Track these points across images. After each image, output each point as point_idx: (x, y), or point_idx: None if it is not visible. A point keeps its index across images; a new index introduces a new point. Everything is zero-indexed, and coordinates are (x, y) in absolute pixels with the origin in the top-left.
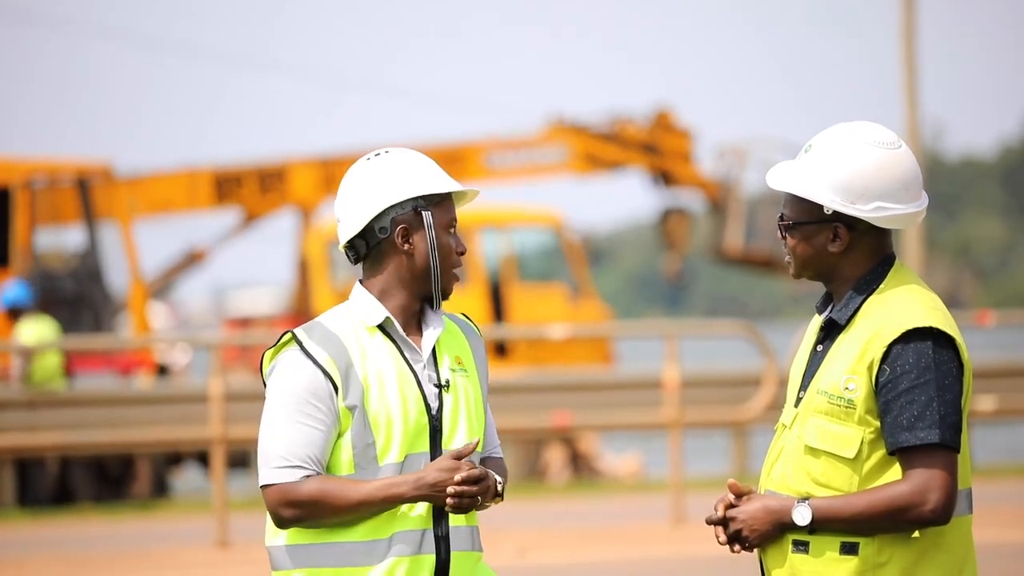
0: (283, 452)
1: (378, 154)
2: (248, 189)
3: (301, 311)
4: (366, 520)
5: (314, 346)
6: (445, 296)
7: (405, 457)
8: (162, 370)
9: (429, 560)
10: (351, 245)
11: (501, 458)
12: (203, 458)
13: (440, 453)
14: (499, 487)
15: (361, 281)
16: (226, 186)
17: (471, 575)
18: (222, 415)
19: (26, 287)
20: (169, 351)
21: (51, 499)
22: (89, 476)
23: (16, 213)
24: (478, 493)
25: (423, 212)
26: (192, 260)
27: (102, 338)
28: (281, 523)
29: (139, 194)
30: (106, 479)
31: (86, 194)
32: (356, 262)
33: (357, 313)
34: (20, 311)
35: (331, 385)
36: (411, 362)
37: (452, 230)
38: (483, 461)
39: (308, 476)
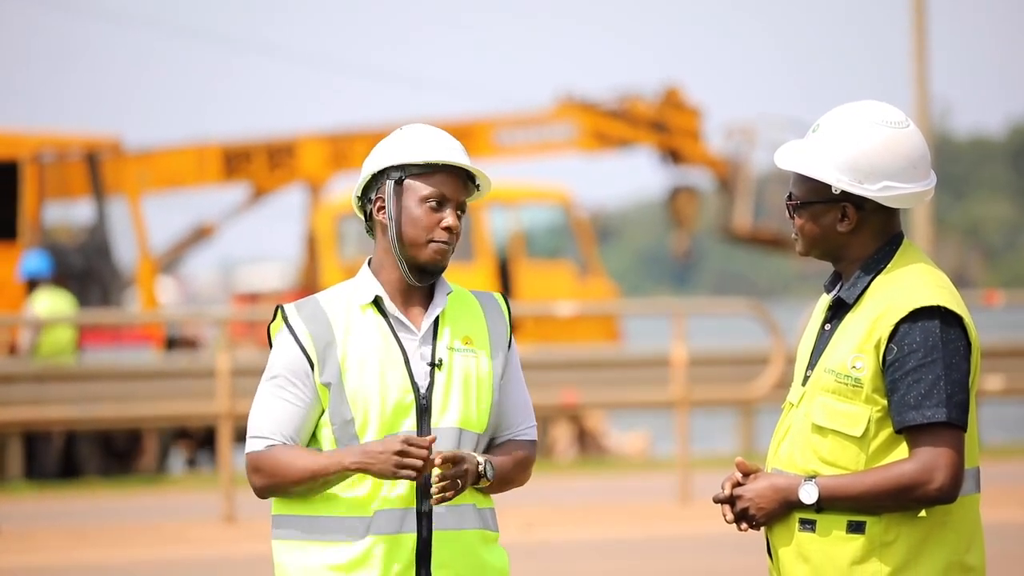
0: (256, 424)
1: (401, 129)
2: (257, 164)
3: (309, 286)
4: (348, 496)
5: (298, 322)
6: (425, 271)
7: (386, 436)
8: (170, 344)
9: (409, 539)
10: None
11: (526, 440)
12: (210, 434)
13: (428, 432)
14: (482, 469)
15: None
16: (235, 161)
17: (464, 554)
18: (229, 390)
19: (46, 258)
20: (199, 325)
21: (58, 473)
22: (96, 450)
23: (25, 187)
24: (453, 477)
25: (388, 182)
26: (201, 235)
27: (110, 312)
28: (255, 491)
29: (148, 169)
30: (113, 453)
31: (95, 168)
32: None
33: (354, 290)
34: (37, 282)
35: (307, 362)
36: (402, 339)
37: (434, 202)
38: (504, 443)
39: (273, 446)
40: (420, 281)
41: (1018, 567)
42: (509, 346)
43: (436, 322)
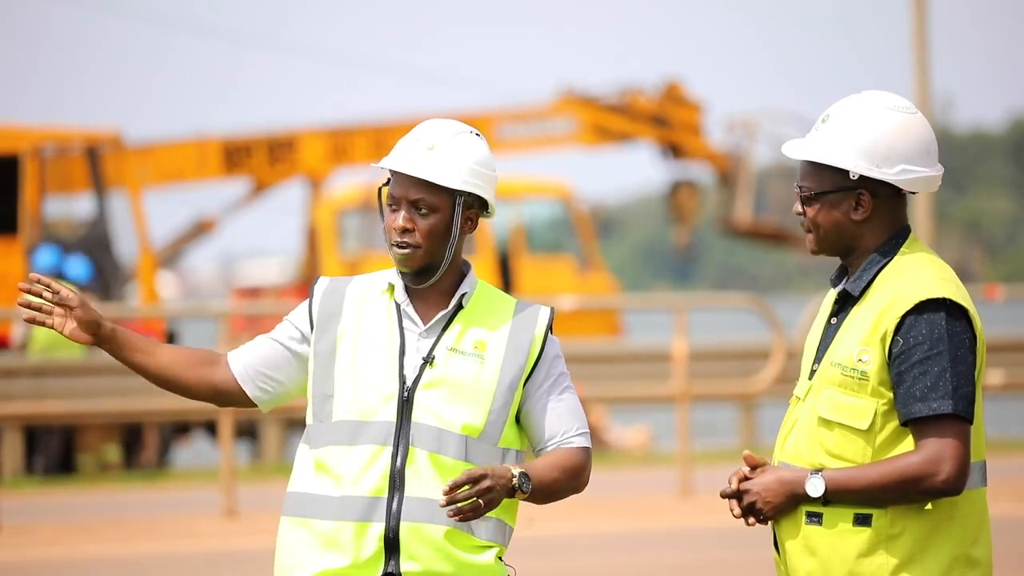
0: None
1: None
2: (257, 159)
3: (309, 281)
4: (327, 479)
5: (320, 290)
6: (405, 273)
7: (360, 420)
8: (170, 339)
9: (376, 528)
10: None
11: (574, 448)
12: (211, 427)
13: (408, 425)
14: (516, 483)
15: None
16: (235, 155)
17: (435, 548)
18: None
19: (55, 253)
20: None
21: (57, 467)
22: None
23: (25, 181)
24: (474, 495)
25: (384, 188)
26: (201, 229)
27: (111, 306)
28: None
29: (148, 163)
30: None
31: (95, 163)
32: None
33: (383, 277)
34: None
35: (309, 323)
36: (405, 330)
37: (393, 205)
38: (549, 452)
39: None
40: (409, 282)
41: (1022, 562)
42: (539, 358)
43: (450, 321)
